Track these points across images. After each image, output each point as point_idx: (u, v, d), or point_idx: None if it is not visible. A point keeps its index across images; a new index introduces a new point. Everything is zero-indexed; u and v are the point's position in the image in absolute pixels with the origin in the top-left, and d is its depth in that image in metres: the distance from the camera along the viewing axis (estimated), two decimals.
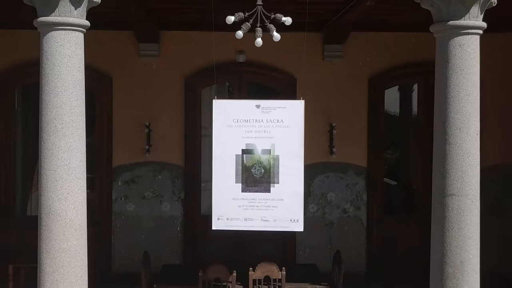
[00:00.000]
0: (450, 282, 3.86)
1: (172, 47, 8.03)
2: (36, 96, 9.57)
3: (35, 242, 7.63)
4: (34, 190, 9.05)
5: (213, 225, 4.50)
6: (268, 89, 8.78)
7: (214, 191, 4.39)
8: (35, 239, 7.71)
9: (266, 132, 4.36)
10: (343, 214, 8.18)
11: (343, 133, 8.06)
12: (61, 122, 3.77)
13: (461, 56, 3.90)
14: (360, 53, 8.08)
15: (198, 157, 8.18)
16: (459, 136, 3.89)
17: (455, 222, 3.87)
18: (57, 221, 3.78)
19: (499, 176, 8.20)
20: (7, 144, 8.04)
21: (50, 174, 3.79)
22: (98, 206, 8.04)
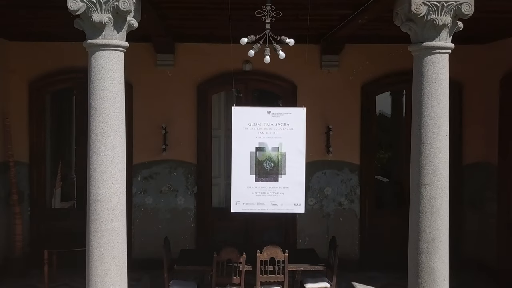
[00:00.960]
0: (424, 256, 4.63)
1: (185, 57, 8.75)
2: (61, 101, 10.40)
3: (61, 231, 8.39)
4: (57, 186, 9.83)
5: (232, 209, 5.27)
6: (271, 94, 9.50)
7: (233, 181, 5.16)
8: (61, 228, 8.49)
9: (275, 133, 5.13)
10: (339, 207, 8.93)
11: (338, 134, 8.78)
12: (107, 125, 4.52)
13: (433, 71, 4.67)
14: (353, 62, 8.80)
15: (209, 155, 8.91)
16: (432, 137, 4.66)
17: (428, 207, 4.64)
18: (103, 206, 4.53)
19: (479, 173, 8.97)
20: (39, 145, 8.79)
21: (97, 168, 4.53)
22: None
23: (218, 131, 9.06)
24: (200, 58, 8.68)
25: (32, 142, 8.68)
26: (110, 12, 4.44)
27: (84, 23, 4.52)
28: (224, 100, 9.22)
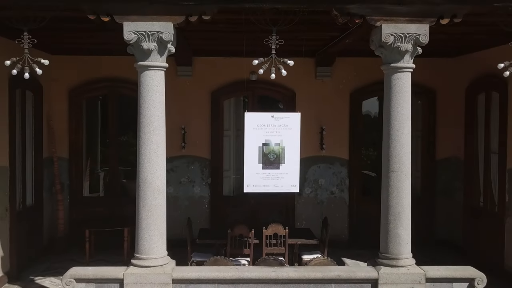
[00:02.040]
0: (392, 225, 5.98)
1: (201, 68, 10.08)
2: (96, 106, 11.81)
3: (94, 215, 9.68)
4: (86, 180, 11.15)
5: (245, 189, 6.60)
6: (274, 100, 10.83)
7: (245, 168, 6.48)
8: (94, 214, 9.79)
9: (277, 132, 6.46)
10: (331, 195, 10.30)
11: (330, 134, 10.14)
12: (152, 126, 5.86)
13: (398, 85, 6.01)
14: (343, 73, 10.14)
15: (221, 152, 10.26)
16: (397, 135, 5.99)
17: (394, 188, 5.98)
18: (149, 187, 5.87)
19: (450, 166, 10.35)
20: (76, 143, 10.16)
21: (145, 158, 5.86)
22: None
23: (229, 131, 10.38)
24: (214, 70, 10.04)
25: (71, 141, 10.08)
26: (155, 42, 5.79)
27: (135, 49, 5.87)
28: (233, 105, 10.54)
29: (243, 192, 7.24)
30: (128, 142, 11.81)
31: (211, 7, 5.78)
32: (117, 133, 10.34)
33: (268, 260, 6.38)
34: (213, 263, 6.17)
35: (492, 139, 8.86)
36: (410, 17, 5.90)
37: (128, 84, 9.72)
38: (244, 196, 9.81)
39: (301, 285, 5.87)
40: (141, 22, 5.76)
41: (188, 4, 5.77)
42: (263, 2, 5.82)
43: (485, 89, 8.95)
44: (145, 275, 5.75)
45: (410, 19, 5.91)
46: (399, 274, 5.89)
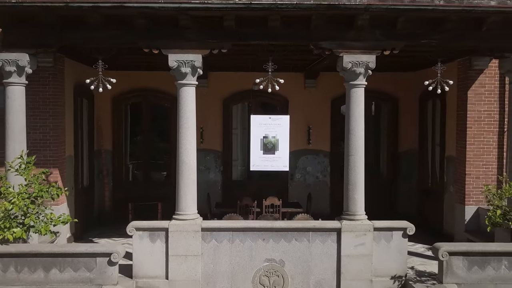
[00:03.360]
0: (350, 192, 8.54)
1: (215, 81, 12.70)
2: (135, 111, 14.49)
3: (131, 194, 12.19)
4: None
5: (251, 168, 9.16)
6: (272, 105, 13.46)
7: (251, 153, 9.01)
8: (130, 193, 12.30)
9: (273, 129, 9.04)
10: (316, 180, 12.95)
11: (315, 131, 12.79)
12: (187, 124, 8.47)
13: (355, 97, 8.61)
14: (326, 84, 12.74)
15: (230, 146, 12.91)
16: (353, 131, 8.59)
17: (352, 167, 8.59)
18: (186, 166, 8.50)
19: (408, 157, 13.00)
20: (118, 139, 12.82)
21: (183, 147, 8.48)
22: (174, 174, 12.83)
23: (236, 129, 13.02)
24: (225, 82, 12.66)
25: (114, 137, 12.74)
26: (189, 67, 8.43)
27: (175, 72, 8.50)
28: (240, 109, 13.17)
29: (248, 177, 9.86)
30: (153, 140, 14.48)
31: (227, 44, 8.44)
32: (148, 132, 12.99)
33: (266, 216, 9.04)
34: (229, 218, 8.83)
35: (436, 134, 11.52)
36: (363, 50, 8.53)
37: (157, 93, 12.43)
38: (249, 180, 12.55)
39: (288, 232, 8.48)
40: (180, 54, 8.41)
41: (212, 42, 8.43)
42: (263, 41, 8.50)
43: (432, 98, 11.58)
44: (182, 225, 8.39)
45: (363, 51, 8.54)
46: (355, 225, 8.51)
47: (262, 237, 8.44)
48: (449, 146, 10.90)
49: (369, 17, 8.25)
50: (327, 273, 8.48)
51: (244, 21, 8.35)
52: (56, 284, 7.17)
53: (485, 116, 10.15)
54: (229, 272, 8.40)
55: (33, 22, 8.33)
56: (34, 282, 7.18)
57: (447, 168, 10.97)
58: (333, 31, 8.49)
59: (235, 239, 8.44)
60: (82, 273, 7.23)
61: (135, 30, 8.36)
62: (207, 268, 8.39)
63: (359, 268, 8.45)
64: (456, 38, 8.61)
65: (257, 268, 8.41)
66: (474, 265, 7.43)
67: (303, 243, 8.46)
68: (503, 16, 8.32)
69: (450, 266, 7.46)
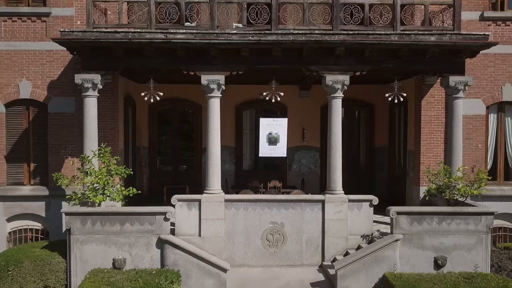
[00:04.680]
0: (331, 174, 11.71)
1: (229, 92, 15.57)
2: (166, 116, 17.87)
3: (163, 181, 15.35)
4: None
5: (260, 154, 12.34)
6: (274, 111, 16.56)
7: (260, 145, 12.17)
8: (162, 179, 15.48)
9: (275, 128, 12.10)
10: (309, 169, 16.12)
11: (308, 132, 15.93)
12: (214, 126, 11.58)
13: (334, 106, 11.76)
14: (316, 94, 15.83)
15: (241, 143, 16.07)
16: (333, 130, 11.75)
17: (333, 156, 11.72)
18: (213, 155, 11.60)
19: (382, 152, 16.19)
20: (153, 137, 15.97)
21: (211, 142, 11.61)
22: (196, 165, 16.08)
23: (246, 130, 16.19)
24: (237, 92, 15.76)
25: (150, 136, 15.92)
26: (216, 84, 11.59)
27: (206, 88, 11.67)
28: (249, 114, 16.33)
29: (255, 168, 12.95)
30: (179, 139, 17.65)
31: (243, 67, 11.61)
32: (176, 133, 16.18)
33: (271, 192, 12.22)
34: (243, 193, 12.00)
35: (401, 133, 14.69)
36: (340, 72, 11.69)
37: (183, 102, 15.61)
38: (256, 170, 15.71)
39: (287, 203, 11.60)
40: (209, 75, 11.57)
41: (232, 66, 11.60)
42: (268, 65, 11.67)
43: (398, 105, 14.70)
44: (211, 197, 11.53)
45: (340, 73, 11.70)
46: (335, 197, 11.65)
47: (268, 206, 11.59)
48: (410, 142, 14.05)
49: (344, 48, 11.43)
50: (315, 232, 11.61)
51: (255, 51, 11.53)
52: (128, 233, 10.32)
53: (434, 119, 13.29)
54: (244, 231, 11.54)
55: (104, 52, 11.49)
56: (113, 232, 10.33)
57: (408, 159, 14.13)
58: (319, 58, 11.66)
59: (248, 208, 11.58)
60: (146, 226, 10.39)
61: (178, 58, 11.54)
62: (228, 228, 11.53)
63: (338, 229, 11.59)
64: (407, 63, 11.79)
65: (264, 228, 11.55)
66: (414, 221, 10.58)
67: (298, 210, 11.61)
68: (440, 48, 11.50)
69: (398, 222, 10.61)
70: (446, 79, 11.93)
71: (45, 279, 10.29)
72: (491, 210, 10.68)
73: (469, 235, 10.58)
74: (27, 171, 13.31)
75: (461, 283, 9.71)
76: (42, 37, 13.06)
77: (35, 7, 13.11)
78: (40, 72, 13.10)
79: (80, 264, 10.37)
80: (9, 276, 10.16)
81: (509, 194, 13.34)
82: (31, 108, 13.29)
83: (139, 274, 9.83)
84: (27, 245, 11.73)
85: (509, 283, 9.66)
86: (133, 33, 11.25)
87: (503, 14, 13.34)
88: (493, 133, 13.61)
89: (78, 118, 13.05)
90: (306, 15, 11.71)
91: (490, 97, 13.40)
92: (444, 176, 11.41)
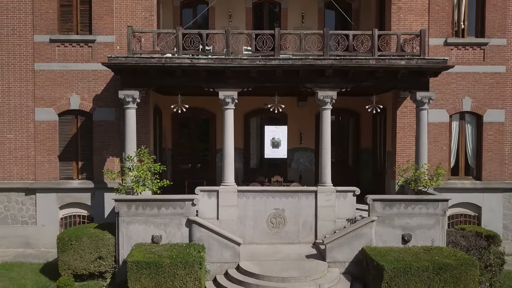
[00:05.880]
0: (322, 169, 14.40)
1: (239, 103, 18.50)
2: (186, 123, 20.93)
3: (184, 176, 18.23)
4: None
5: (265, 156, 15.09)
6: (276, 119, 19.28)
7: (265, 147, 14.88)
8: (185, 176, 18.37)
9: (277, 134, 14.82)
10: (305, 167, 18.84)
11: (305, 135, 18.68)
12: (229, 132, 14.28)
13: (325, 115, 14.49)
14: (312, 104, 18.42)
15: (249, 145, 18.81)
16: (324, 134, 14.45)
17: (324, 156, 14.39)
18: (228, 155, 14.29)
19: (367, 152, 18.92)
20: (176, 141, 18.74)
21: (226, 144, 14.30)
22: (211, 164, 18.83)
23: (253, 134, 18.94)
24: (245, 102, 18.45)
25: (173, 140, 18.68)
26: (230, 99, 14.30)
27: (222, 101, 14.37)
28: (255, 121, 19.08)
29: (260, 166, 15.71)
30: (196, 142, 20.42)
31: (252, 85, 14.33)
32: (194, 137, 18.93)
33: (274, 184, 14.96)
34: (252, 185, 14.73)
35: (382, 137, 17.42)
36: (329, 88, 14.39)
37: (201, 111, 18.36)
38: (261, 168, 18.44)
39: (287, 193, 14.28)
40: (225, 91, 14.29)
41: (243, 84, 14.32)
42: (272, 83, 14.39)
43: (379, 114, 17.42)
44: (226, 188, 14.23)
45: (329, 89, 14.39)
46: (325, 189, 14.33)
47: (272, 196, 14.28)
48: (388, 145, 16.76)
49: (332, 70, 14.14)
50: (309, 216, 14.30)
51: (261, 72, 14.24)
52: (163, 216, 13.04)
53: (407, 126, 15.99)
54: (252, 215, 14.23)
55: (142, 73, 14.21)
56: (152, 215, 13.05)
57: (387, 159, 16.84)
58: (312, 78, 14.37)
59: (256, 197, 14.28)
60: (178, 210, 13.10)
61: (200, 78, 14.26)
62: (240, 213, 14.23)
63: (328, 214, 14.27)
64: (383, 82, 14.49)
65: (268, 213, 14.25)
66: (386, 206, 13.26)
67: (295, 199, 14.30)
68: (408, 70, 14.20)
69: (373, 207, 13.31)
70: (414, 94, 14.62)
71: (99, 251, 12.99)
72: (446, 198, 13.37)
73: (429, 217, 13.27)
74: (76, 168, 16.06)
75: (421, 253, 12.39)
76: (88, 59, 15.81)
77: (83, 35, 15.86)
78: (87, 88, 15.85)
79: (126, 240, 13.08)
80: (72, 248, 12.87)
81: (468, 187, 16.06)
82: (79, 117, 16.03)
83: (173, 247, 12.54)
84: (82, 226, 14.46)
85: (458, 253, 12.35)
86: (165, 59, 14.00)
87: (462, 40, 16.07)
88: (455, 137, 16.33)
89: (117, 125, 15.80)
90: (302, 43, 14.43)
91: (452, 108, 16.11)
92: (411, 171, 14.12)
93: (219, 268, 12.80)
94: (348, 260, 12.98)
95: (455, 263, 11.65)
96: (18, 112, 15.86)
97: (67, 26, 15.95)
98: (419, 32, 14.50)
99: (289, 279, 11.85)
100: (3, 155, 15.88)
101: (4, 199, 15.90)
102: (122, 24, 15.71)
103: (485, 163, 16.22)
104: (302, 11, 18.96)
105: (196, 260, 11.58)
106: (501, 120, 16.18)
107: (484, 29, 16.17)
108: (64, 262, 12.91)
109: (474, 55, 16.07)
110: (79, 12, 15.93)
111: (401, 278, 11.38)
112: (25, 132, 15.87)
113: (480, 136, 16.24)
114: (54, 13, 15.79)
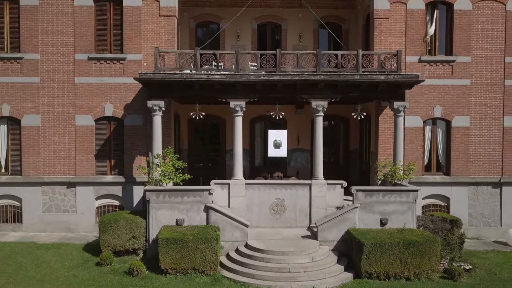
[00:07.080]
0: (315, 166, 17.07)
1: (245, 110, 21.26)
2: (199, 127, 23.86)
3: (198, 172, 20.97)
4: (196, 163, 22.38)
5: (269, 155, 17.75)
6: (277, 124, 21.94)
7: (269, 148, 17.49)
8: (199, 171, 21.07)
9: (279, 137, 17.47)
10: (302, 165, 21.47)
11: (302, 138, 21.32)
12: (239, 135, 16.94)
13: (318, 121, 17.15)
14: (308, 111, 20.97)
15: (254, 146, 21.48)
16: (317, 137, 17.06)
17: (317, 154, 17.03)
18: (238, 155, 16.93)
19: (355, 153, 21.57)
20: (191, 143, 21.42)
21: (236, 144, 16.94)
22: (221, 163, 21.52)
23: (257, 137, 21.61)
24: (251, 110, 21.17)
25: (189, 142, 21.36)
26: (239, 107, 16.98)
27: (233, 110, 17.00)
28: (259, 126, 21.76)
29: (264, 164, 18.39)
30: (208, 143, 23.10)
31: (257, 96, 17.01)
32: (207, 139, 21.62)
33: (275, 178, 17.65)
34: (257, 179, 17.41)
35: (367, 140, 20.08)
36: (321, 99, 17.03)
37: (212, 116, 21.03)
38: (264, 166, 21.11)
39: (286, 185, 16.92)
40: (236, 101, 16.96)
41: (250, 95, 17.00)
42: (274, 94, 17.07)
43: (365, 120, 20.06)
44: (236, 181, 16.87)
45: (321, 100, 17.03)
46: (318, 182, 16.94)
47: (274, 188, 16.93)
48: (372, 146, 19.40)
49: (324, 84, 16.80)
50: (305, 205, 16.94)
51: (265, 86, 16.90)
52: (185, 203, 15.69)
53: (388, 130, 18.62)
54: (258, 204, 16.87)
55: (166, 86, 16.89)
56: (176, 202, 15.71)
57: (371, 158, 19.48)
58: (307, 90, 17.03)
59: (261, 189, 16.92)
60: (197, 198, 15.76)
61: (215, 90, 16.94)
62: (248, 202, 16.87)
63: (320, 202, 16.91)
64: (366, 93, 17.14)
65: (271, 202, 16.89)
66: (367, 195, 15.90)
67: (293, 190, 16.94)
68: (387, 83, 16.84)
69: (357, 196, 15.94)
70: (392, 103, 17.28)
71: (133, 231, 15.64)
72: (416, 189, 15.99)
73: (402, 204, 15.89)
74: (109, 165, 18.74)
75: (395, 233, 15.01)
76: (120, 74, 18.50)
77: (115, 54, 18.56)
78: (119, 98, 18.54)
79: (155, 223, 15.72)
80: (111, 229, 15.52)
81: (439, 181, 18.70)
82: (112, 122, 18.72)
83: (194, 227, 15.19)
84: (117, 212, 17.13)
85: (424, 233, 14.98)
86: (186, 74, 16.68)
87: (434, 58, 18.74)
88: (428, 139, 18.98)
89: (144, 129, 18.48)
90: (299, 61, 17.11)
91: (425, 115, 18.77)
92: (388, 167, 16.77)
93: (231, 246, 15.43)
94: (336, 239, 15.58)
95: (421, 240, 14.26)
96: (62, 118, 18.55)
97: (102, 46, 18.64)
98: (396, 52, 17.16)
99: (288, 253, 14.48)
100: (48, 155, 18.57)
101: (49, 191, 18.58)
102: (148, 45, 18.40)
103: (453, 161, 18.86)
104: (300, 31, 21.65)
105: (213, 237, 14.23)
106: (467, 125, 18.82)
107: (452, 48, 18.82)
108: (105, 240, 15.56)
109: (444, 70, 18.72)
110: (112, 35, 18.62)
111: (377, 251, 13.99)
112: (67, 135, 18.55)
113: (449, 138, 18.87)
114: (91, 35, 18.49)
